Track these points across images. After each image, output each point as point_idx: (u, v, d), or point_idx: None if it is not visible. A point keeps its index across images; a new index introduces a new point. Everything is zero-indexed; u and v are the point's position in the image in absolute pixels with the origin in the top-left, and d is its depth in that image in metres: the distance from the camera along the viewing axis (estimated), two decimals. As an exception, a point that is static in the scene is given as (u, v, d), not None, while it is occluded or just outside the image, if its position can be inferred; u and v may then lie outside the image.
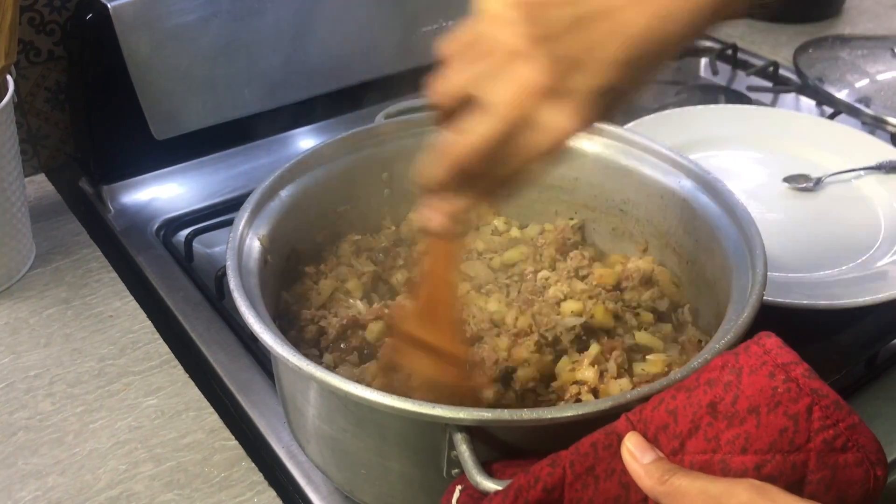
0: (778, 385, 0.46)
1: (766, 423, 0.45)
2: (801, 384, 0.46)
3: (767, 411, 0.45)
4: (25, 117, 1.00)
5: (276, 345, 0.54)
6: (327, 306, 0.72)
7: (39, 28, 0.97)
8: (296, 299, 0.72)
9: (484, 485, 0.48)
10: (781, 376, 0.46)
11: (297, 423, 0.63)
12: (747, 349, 0.48)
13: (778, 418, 0.45)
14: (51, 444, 0.69)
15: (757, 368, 0.46)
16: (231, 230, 0.64)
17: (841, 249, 0.87)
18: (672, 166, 0.74)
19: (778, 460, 0.45)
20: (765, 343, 0.48)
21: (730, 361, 0.48)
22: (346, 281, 0.74)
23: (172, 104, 0.96)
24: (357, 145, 0.76)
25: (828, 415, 0.45)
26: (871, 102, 1.09)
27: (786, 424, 0.45)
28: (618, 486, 0.47)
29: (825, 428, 0.45)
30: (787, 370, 0.46)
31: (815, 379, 0.46)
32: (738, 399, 0.46)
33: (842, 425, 0.45)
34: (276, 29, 0.99)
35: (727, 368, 0.47)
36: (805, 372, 0.46)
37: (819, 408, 0.45)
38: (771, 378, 0.46)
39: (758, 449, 0.45)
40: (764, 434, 0.45)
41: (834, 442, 0.45)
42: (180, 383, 0.75)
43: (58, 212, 0.96)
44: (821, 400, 0.45)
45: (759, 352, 0.47)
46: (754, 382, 0.46)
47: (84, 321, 0.82)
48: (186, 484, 0.66)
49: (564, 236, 0.78)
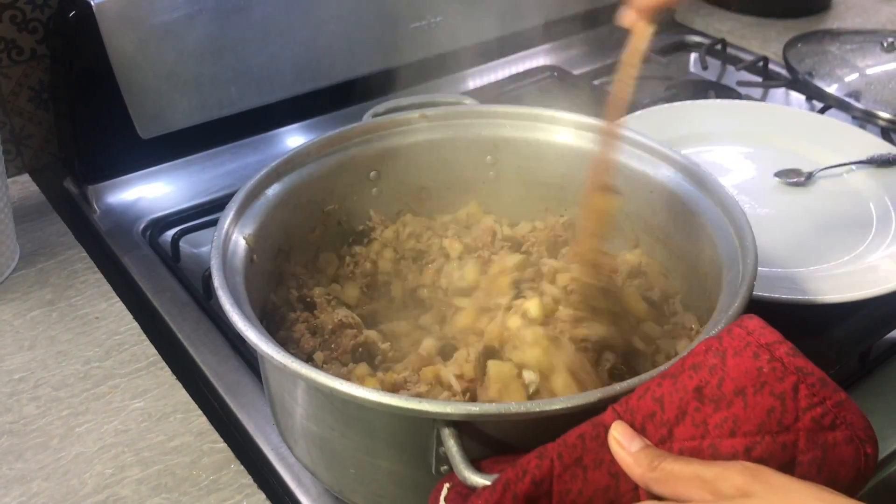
0: (763, 365, 0.45)
1: (754, 403, 0.45)
2: (785, 363, 0.45)
3: (754, 392, 0.45)
4: (8, 117, 0.99)
5: (261, 342, 0.54)
6: (317, 307, 0.71)
7: (22, 26, 0.96)
8: (284, 301, 0.71)
9: (472, 479, 0.47)
10: (766, 356, 0.46)
11: (285, 424, 0.63)
12: (730, 332, 0.47)
13: (765, 398, 0.45)
14: (35, 448, 0.68)
15: (741, 350, 0.46)
16: (216, 229, 0.63)
17: (832, 244, 0.87)
18: (661, 160, 0.73)
19: (767, 441, 0.45)
20: (747, 325, 0.47)
21: (713, 345, 0.47)
22: (337, 284, 0.74)
23: (158, 103, 0.95)
24: (344, 144, 0.76)
25: (814, 392, 0.45)
26: (861, 97, 1.09)
27: (773, 404, 0.45)
28: (607, 476, 0.46)
29: (812, 406, 0.45)
30: (771, 350, 0.46)
31: (800, 357, 0.46)
32: (723, 381, 0.46)
33: (829, 402, 0.45)
34: (263, 26, 0.98)
35: (711, 352, 0.47)
36: (789, 350, 0.46)
37: (805, 385, 0.45)
38: (755, 358, 0.46)
39: (746, 431, 0.45)
40: (752, 415, 0.45)
41: (822, 420, 0.45)
42: (167, 385, 0.74)
43: (42, 212, 0.95)
44: (806, 378, 0.45)
45: (741, 333, 0.47)
46: (739, 364, 0.46)
47: (69, 323, 0.80)
48: (174, 488, 0.65)
49: (555, 234, 0.78)
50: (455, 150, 0.79)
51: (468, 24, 1.12)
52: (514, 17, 1.17)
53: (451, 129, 0.78)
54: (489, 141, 0.79)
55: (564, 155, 0.77)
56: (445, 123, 0.78)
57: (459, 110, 0.79)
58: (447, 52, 1.13)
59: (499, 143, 0.79)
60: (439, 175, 0.80)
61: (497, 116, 0.79)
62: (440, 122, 0.78)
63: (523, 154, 0.78)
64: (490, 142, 0.79)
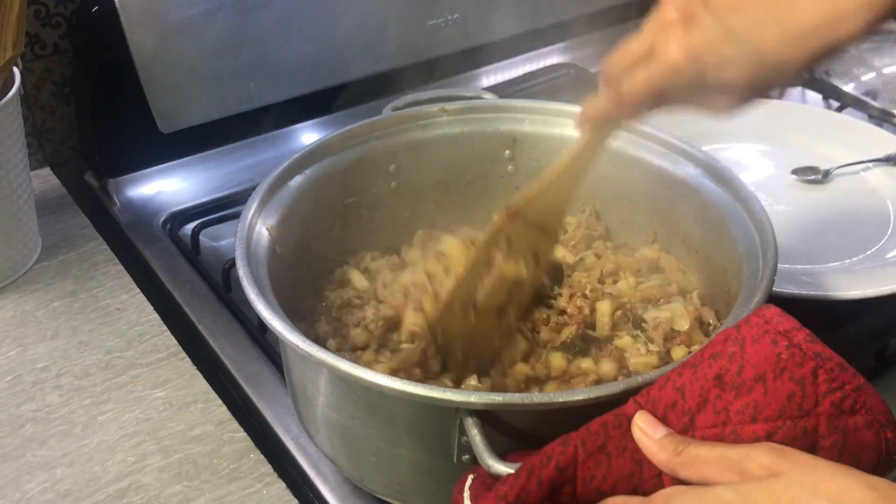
0: (781, 351, 0.46)
1: (774, 389, 0.45)
2: (804, 349, 0.46)
3: (774, 377, 0.45)
4: (31, 111, 1.00)
5: (286, 331, 0.54)
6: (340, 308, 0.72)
7: (45, 21, 0.97)
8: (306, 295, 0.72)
9: (496, 468, 0.48)
10: (784, 342, 0.46)
11: (306, 413, 0.63)
12: (748, 321, 0.48)
13: (784, 384, 0.45)
14: (59, 436, 0.69)
15: (759, 337, 0.47)
16: (240, 219, 0.64)
17: (850, 241, 0.87)
18: (681, 156, 0.73)
19: (788, 426, 0.45)
20: (765, 313, 0.48)
21: (732, 334, 0.48)
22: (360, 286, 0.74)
23: (178, 97, 0.96)
24: (365, 137, 0.76)
25: (833, 377, 0.45)
26: (878, 95, 1.09)
27: (793, 389, 0.45)
28: (631, 463, 0.47)
29: (832, 391, 0.45)
30: (790, 336, 0.46)
31: (818, 343, 0.46)
32: (743, 368, 0.46)
33: (848, 387, 0.45)
34: (282, 22, 0.99)
35: (730, 340, 0.47)
36: (807, 337, 0.46)
37: (824, 371, 0.45)
38: (774, 345, 0.46)
39: (767, 416, 0.45)
40: (772, 401, 0.45)
41: (842, 404, 0.45)
42: (188, 375, 0.75)
43: (63, 205, 0.96)
44: (825, 363, 0.45)
45: (759, 322, 0.47)
46: (758, 351, 0.46)
47: (91, 314, 0.81)
48: (195, 476, 0.66)
49: (590, 231, 0.78)
50: (474, 144, 0.79)
51: (485, 21, 1.13)
52: (530, 14, 1.18)
53: (470, 124, 0.79)
54: (508, 135, 0.79)
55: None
56: (465, 118, 0.79)
57: (479, 105, 0.79)
58: (464, 49, 1.13)
59: (518, 138, 0.79)
60: (458, 169, 0.80)
61: (516, 111, 0.79)
62: (460, 116, 0.78)
63: (542, 149, 0.79)
64: (509, 136, 0.79)
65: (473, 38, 1.13)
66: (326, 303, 0.71)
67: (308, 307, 0.71)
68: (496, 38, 1.15)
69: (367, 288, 0.73)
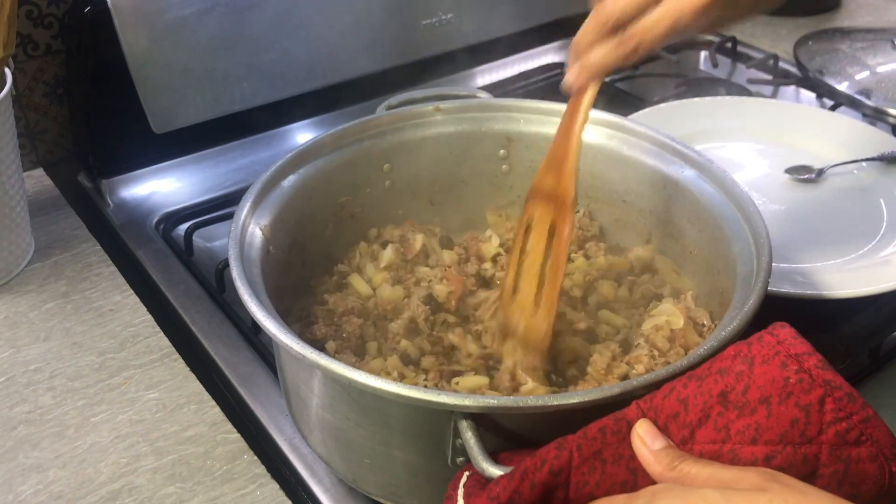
0: (790, 375, 0.45)
1: (777, 413, 0.45)
2: (813, 375, 0.45)
3: (779, 402, 0.45)
4: (23, 111, 0.99)
5: (280, 333, 0.54)
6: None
7: (37, 21, 0.96)
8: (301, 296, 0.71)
9: (490, 471, 0.48)
10: (794, 367, 0.45)
11: (300, 414, 0.63)
12: (760, 339, 0.47)
13: (789, 409, 0.45)
14: (52, 437, 0.69)
15: (769, 358, 0.46)
16: (233, 219, 0.64)
17: (844, 240, 0.87)
18: (674, 155, 0.73)
19: (788, 452, 0.44)
20: (778, 333, 0.47)
21: (742, 351, 0.47)
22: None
23: (171, 98, 0.95)
24: (359, 136, 0.76)
25: (841, 407, 0.44)
26: (872, 94, 1.09)
27: (797, 415, 0.44)
28: (626, 471, 0.46)
29: (838, 420, 0.44)
30: (800, 360, 0.45)
31: (829, 370, 0.45)
32: (749, 389, 0.46)
33: (855, 418, 0.44)
34: (276, 22, 0.99)
35: (739, 358, 0.47)
36: (818, 363, 0.45)
37: (832, 399, 0.44)
38: (783, 368, 0.45)
39: (768, 440, 0.45)
40: (775, 425, 0.45)
41: (847, 435, 0.44)
42: (181, 377, 0.75)
43: (56, 206, 0.96)
44: (834, 392, 0.45)
45: (772, 342, 0.47)
46: (766, 372, 0.46)
47: (84, 315, 0.81)
48: (188, 477, 0.66)
49: (584, 232, 0.78)
50: (468, 143, 0.79)
51: (479, 21, 1.13)
52: (524, 14, 1.18)
53: (464, 123, 0.79)
54: (503, 135, 0.79)
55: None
56: (459, 117, 0.79)
57: (473, 104, 0.79)
58: (458, 49, 1.13)
59: (512, 137, 0.79)
60: (452, 168, 0.80)
61: (511, 110, 0.79)
62: (454, 115, 0.78)
63: (536, 148, 0.78)
64: (503, 135, 0.79)
65: (468, 37, 1.13)
66: (326, 307, 0.70)
67: (302, 308, 0.71)
68: (490, 38, 1.15)
69: (369, 294, 0.73)
